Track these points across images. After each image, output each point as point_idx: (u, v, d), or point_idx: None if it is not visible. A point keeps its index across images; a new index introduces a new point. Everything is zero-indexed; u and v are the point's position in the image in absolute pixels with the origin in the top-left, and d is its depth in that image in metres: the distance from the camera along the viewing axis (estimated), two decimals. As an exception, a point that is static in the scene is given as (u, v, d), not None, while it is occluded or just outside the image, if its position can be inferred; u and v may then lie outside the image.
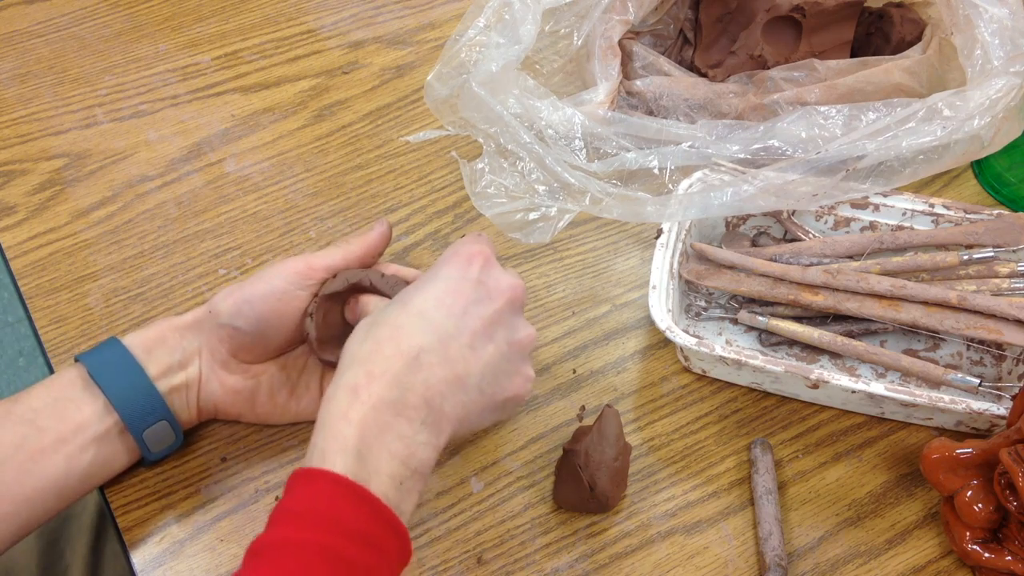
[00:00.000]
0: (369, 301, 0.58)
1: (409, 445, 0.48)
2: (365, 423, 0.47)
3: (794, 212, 0.71)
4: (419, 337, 0.50)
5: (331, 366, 0.61)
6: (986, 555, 0.57)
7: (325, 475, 0.46)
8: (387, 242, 0.61)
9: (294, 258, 0.59)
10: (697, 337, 0.63)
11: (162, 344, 0.58)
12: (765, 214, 0.71)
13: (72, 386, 0.56)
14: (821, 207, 0.70)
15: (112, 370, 0.56)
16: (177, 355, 0.58)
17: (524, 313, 0.57)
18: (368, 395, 0.48)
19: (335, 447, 0.47)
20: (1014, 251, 0.67)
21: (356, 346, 0.51)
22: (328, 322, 0.60)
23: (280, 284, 0.58)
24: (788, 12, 0.77)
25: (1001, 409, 0.59)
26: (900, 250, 0.69)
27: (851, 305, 0.64)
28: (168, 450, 0.60)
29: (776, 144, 0.69)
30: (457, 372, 0.50)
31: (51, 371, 0.67)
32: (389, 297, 0.59)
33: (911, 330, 0.65)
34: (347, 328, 0.60)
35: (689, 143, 0.71)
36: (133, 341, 0.58)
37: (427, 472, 0.50)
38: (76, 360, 0.57)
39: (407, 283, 0.59)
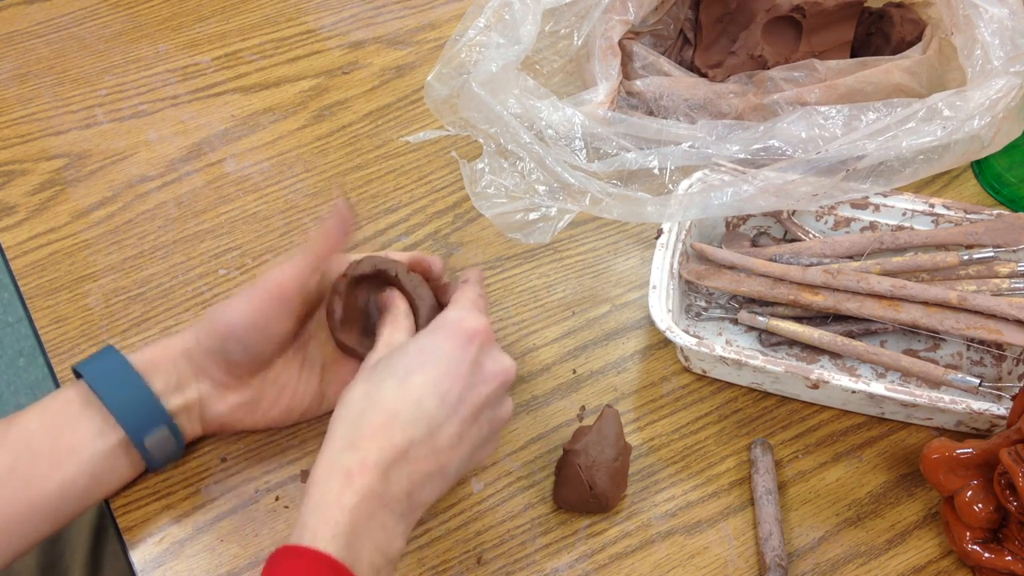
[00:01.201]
0: (398, 306, 0.58)
1: (389, 536, 0.49)
2: (356, 511, 0.48)
3: (794, 212, 0.71)
4: (411, 430, 0.50)
5: (347, 350, 0.61)
6: (986, 555, 0.57)
7: (316, 555, 0.46)
8: (347, 223, 0.58)
9: (260, 287, 0.56)
10: (697, 337, 0.63)
11: (157, 368, 0.57)
12: (765, 214, 0.71)
13: (69, 407, 0.56)
14: (821, 207, 0.70)
15: (112, 379, 0.56)
16: (174, 377, 0.57)
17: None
18: (360, 484, 0.48)
19: (327, 531, 0.47)
20: (1014, 251, 0.67)
21: (351, 424, 0.51)
22: (349, 304, 0.60)
23: (261, 320, 0.56)
24: (788, 12, 0.77)
25: (1001, 409, 0.59)
26: (900, 250, 0.69)
27: (851, 305, 0.64)
28: (170, 457, 0.59)
29: (776, 144, 0.70)
30: (441, 463, 0.51)
31: (51, 371, 0.67)
32: (409, 293, 0.59)
33: (911, 330, 0.65)
34: (366, 312, 0.61)
35: (689, 143, 0.71)
36: (131, 359, 0.57)
37: (398, 561, 0.51)
38: (73, 370, 0.57)
39: (428, 287, 0.59)
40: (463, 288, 0.58)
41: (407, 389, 0.51)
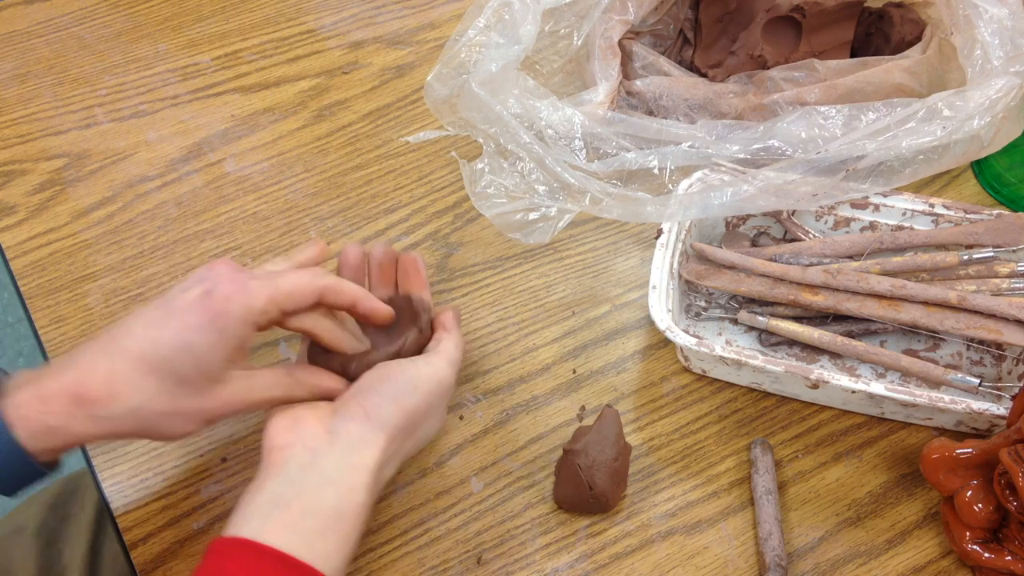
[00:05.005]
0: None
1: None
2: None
3: (794, 212, 0.71)
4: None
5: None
6: (986, 555, 0.57)
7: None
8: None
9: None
10: (697, 337, 0.63)
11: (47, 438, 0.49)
12: (765, 214, 0.71)
13: None
14: (821, 207, 0.70)
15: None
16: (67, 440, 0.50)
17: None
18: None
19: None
20: (1014, 251, 0.67)
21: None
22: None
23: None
24: (788, 12, 0.77)
25: (1001, 409, 0.59)
26: (900, 250, 0.69)
27: (851, 305, 0.64)
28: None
29: (776, 144, 0.70)
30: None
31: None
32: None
33: (911, 330, 0.65)
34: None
35: (689, 143, 0.71)
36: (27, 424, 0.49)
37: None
38: None
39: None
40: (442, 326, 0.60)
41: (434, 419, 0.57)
